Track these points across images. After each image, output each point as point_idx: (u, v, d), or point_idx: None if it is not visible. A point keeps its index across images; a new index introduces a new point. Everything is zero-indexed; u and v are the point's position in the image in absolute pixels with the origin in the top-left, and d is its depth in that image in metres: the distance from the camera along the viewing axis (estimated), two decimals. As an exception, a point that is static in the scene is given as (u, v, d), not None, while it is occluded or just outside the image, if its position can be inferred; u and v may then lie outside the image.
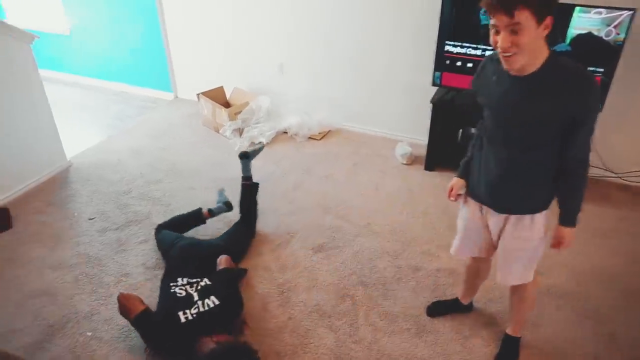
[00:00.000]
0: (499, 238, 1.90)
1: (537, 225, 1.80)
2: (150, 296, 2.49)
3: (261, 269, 2.71)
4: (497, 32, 1.43)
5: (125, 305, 2.16)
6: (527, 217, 1.78)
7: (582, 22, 2.92)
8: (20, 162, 3.28)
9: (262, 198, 3.20)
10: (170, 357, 2.15)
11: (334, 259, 2.79)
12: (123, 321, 2.34)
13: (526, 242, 1.83)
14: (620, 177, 3.52)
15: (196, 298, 2.22)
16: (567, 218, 1.74)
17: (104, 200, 3.28)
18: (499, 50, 1.46)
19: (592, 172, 3.54)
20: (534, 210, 1.77)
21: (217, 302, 2.19)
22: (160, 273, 2.63)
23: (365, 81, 3.99)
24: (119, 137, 4.17)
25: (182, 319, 2.10)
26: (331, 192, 3.40)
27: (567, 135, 1.57)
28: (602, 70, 2.99)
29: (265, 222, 3.06)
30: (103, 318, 2.37)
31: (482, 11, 3.12)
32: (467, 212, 1.97)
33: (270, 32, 4.18)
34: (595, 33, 2.91)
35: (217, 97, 4.40)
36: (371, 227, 3.06)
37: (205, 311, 2.15)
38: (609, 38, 2.90)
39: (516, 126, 1.61)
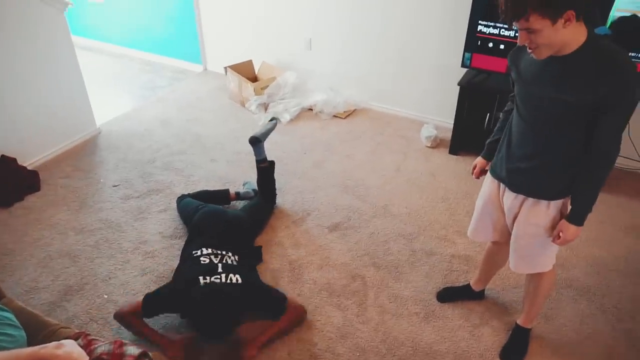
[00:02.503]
0: (513, 222, 1.86)
1: (553, 213, 1.74)
2: (165, 264, 2.56)
3: (274, 244, 2.73)
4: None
5: (125, 312, 2.11)
6: (543, 203, 1.73)
7: (625, 4, 2.76)
8: (51, 127, 3.38)
9: (281, 175, 3.22)
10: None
11: (349, 238, 2.79)
12: (138, 285, 2.42)
13: (540, 228, 1.78)
14: (656, 171, 3.36)
15: (220, 270, 2.19)
16: (574, 214, 1.67)
17: (129, 168, 3.36)
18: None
19: (628, 164, 3.39)
20: (551, 196, 1.72)
21: (240, 281, 2.15)
22: (177, 243, 2.70)
23: (394, 60, 3.90)
24: (147, 107, 4.24)
25: (202, 283, 2.10)
26: (351, 172, 3.38)
27: (594, 123, 1.52)
28: (642, 55, 2.84)
29: (282, 199, 3.08)
30: (119, 282, 2.45)
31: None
32: (485, 190, 1.94)
33: (300, 8, 4.12)
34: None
35: (245, 70, 4.40)
36: (388, 208, 3.03)
37: (227, 284, 2.12)
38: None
39: (545, 105, 1.57)
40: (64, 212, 2.93)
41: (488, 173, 1.94)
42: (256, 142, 2.82)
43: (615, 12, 2.80)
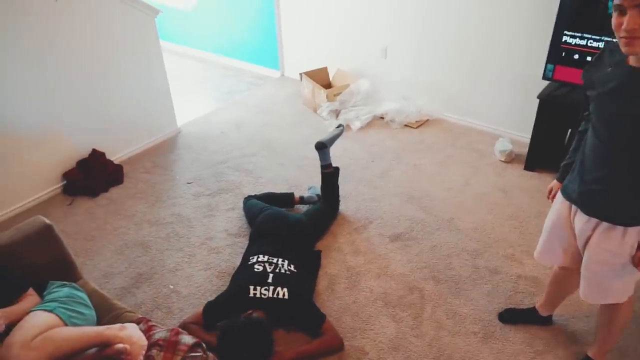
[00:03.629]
0: (585, 247, 1.73)
1: (630, 241, 1.60)
2: (228, 260, 2.66)
3: (334, 250, 2.75)
4: (623, 13, 1.29)
5: (187, 322, 2.18)
6: (619, 229, 1.59)
7: None
8: (137, 125, 3.64)
9: (346, 181, 3.24)
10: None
11: (410, 250, 2.74)
12: (201, 279, 2.54)
13: (614, 256, 1.64)
14: None
15: (270, 280, 2.23)
16: None
17: (203, 167, 3.53)
18: (621, 33, 1.31)
19: None
20: (628, 222, 1.58)
21: (286, 298, 2.19)
22: (241, 241, 2.79)
23: (469, 70, 3.79)
24: (225, 110, 4.44)
25: (251, 293, 2.18)
26: (418, 183, 3.32)
27: None
28: None
29: (345, 205, 3.09)
30: (185, 275, 2.58)
31: (609, -1, 2.80)
32: (555, 211, 1.84)
33: (377, 16, 4.12)
34: None
35: (320, 77, 4.47)
36: (454, 222, 2.94)
37: (273, 299, 2.17)
38: None
39: (626, 123, 1.45)
40: (142, 204, 3.14)
41: (559, 193, 1.83)
42: (322, 147, 2.86)
43: None
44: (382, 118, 4.15)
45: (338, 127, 3.12)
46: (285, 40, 4.94)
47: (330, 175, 2.92)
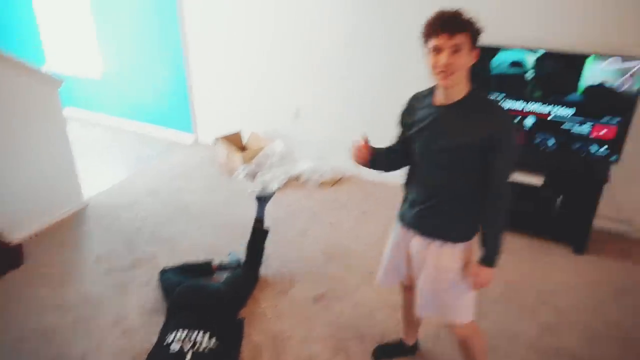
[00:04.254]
0: (422, 266, 1.92)
1: (457, 256, 1.83)
2: (144, 341, 2.48)
3: (257, 316, 2.67)
4: (438, 53, 1.56)
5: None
6: (448, 245, 1.82)
7: (595, 72, 2.89)
8: (37, 201, 3.41)
9: (267, 243, 3.20)
10: None
11: (333, 309, 2.73)
12: (113, 366, 2.34)
13: (446, 272, 1.85)
14: (642, 233, 3.36)
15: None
16: (485, 257, 1.77)
17: (114, 240, 3.35)
18: (439, 69, 1.56)
19: (611, 225, 3.41)
20: (455, 239, 1.82)
21: None
22: (158, 319, 2.63)
23: (381, 128, 3.99)
24: (137, 178, 4.30)
25: None
26: (336, 240, 3.37)
27: (487, 165, 1.65)
28: (617, 120, 2.92)
29: (267, 268, 3.05)
30: (95, 361, 2.37)
31: (493, 59, 3.13)
32: (394, 238, 2.03)
33: (289, 78, 4.29)
34: (609, 83, 2.87)
35: (235, 141, 4.51)
36: (374, 277, 2.98)
37: None
38: (624, 88, 2.84)
39: (443, 151, 1.68)
40: (45, 287, 2.89)
41: (396, 222, 2.02)
42: (263, 199, 3.01)
43: (586, 81, 2.92)
44: (298, 178, 4.23)
45: (269, 191, 3.18)
46: (198, 105, 4.96)
47: (260, 231, 2.97)
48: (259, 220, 3.01)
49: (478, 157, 1.64)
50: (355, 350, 2.46)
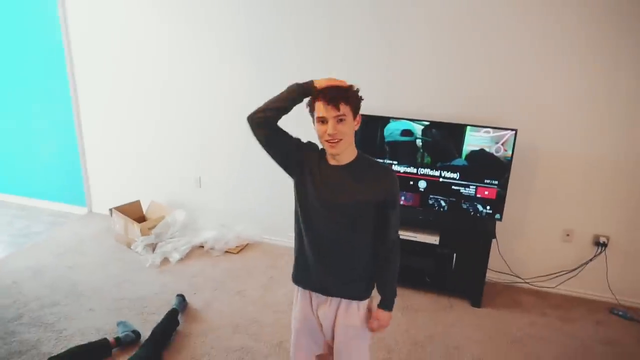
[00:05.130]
0: (332, 330, 1.94)
1: (362, 311, 1.91)
2: None
3: (158, 402, 2.44)
4: (324, 123, 1.67)
5: None
6: (354, 304, 1.89)
7: (474, 140, 3.20)
8: None
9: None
10: None
11: (241, 385, 2.58)
12: None
13: (357, 330, 1.91)
14: (527, 283, 3.65)
15: None
16: (385, 302, 1.89)
17: (-13, 328, 2.94)
18: (326, 137, 1.67)
19: (502, 277, 3.67)
20: (358, 296, 1.89)
21: None
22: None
23: (281, 193, 4.05)
24: (19, 256, 3.87)
25: None
26: (243, 310, 3.25)
27: (380, 217, 1.78)
28: (496, 182, 3.22)
29: (169, 347, 2.83)
30: None
31: (386, 128, 3.36)
32: (300, 308, 2.01)
33: (188, 146, 4.24)
34: (487, 149, 3.19)
35: (134, 211, 4.28)
36: (284, 345, 2.90)
37: None
38: (499, 154, 3.17)
39: (343, 207, 1.75)
40: None
41: (298, 290, 2.02)
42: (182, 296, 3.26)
43: (468, 147, 3.22)
44: (202, 247, 4.08)
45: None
46: (92, 175, 4.70)
47: (175, 321, 3.00)
48: (175, 311, 3.06)
49: (373, 212, 1.77)
50: None
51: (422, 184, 3.42)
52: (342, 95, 1.65)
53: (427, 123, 3.29)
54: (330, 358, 2.07)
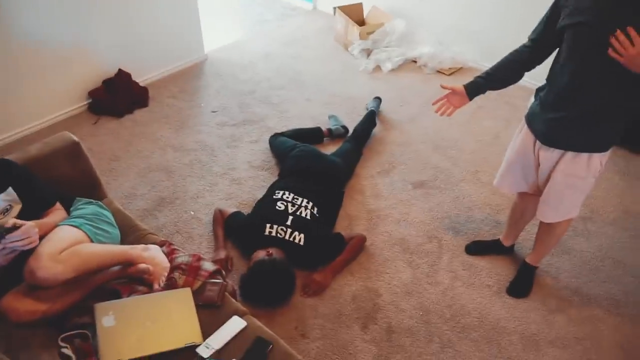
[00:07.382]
0: (548, 175, 1.82)
1: (594, 165, 1.71)
2: (249, 192, 2.67)
3: (356, 191, 2.73)
4: None
5: (218, 212, 2.43)
6: (584, 155, 1.69)
7: None
8: (164, 48, 3.56)
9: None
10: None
11: (432, 198, 2.71)
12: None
13: (579, 180, 1.75)
14: None
15: (289, 223, 2.22)
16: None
17: (229, 96, 3.48)
18: None
19: None
20: (595, 149, 1.68)
21: (301, 244, 2.18)
22: (263, 174, 2.79)
23: (514, 18, 3.58)
24: (254, 39, 4.31)
25: (267, 232, 2.19)
26: (446, 131, 3.24)
27: None
28: None
29: (370, 147, 3.04)
30: (206, 202, 2.60)
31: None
32: (521, 141, 1.89)
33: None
34: None
35: (354, 13, 4.28)
36: (479, 175, 2.89)
37: (287, 242, 2.17)
38: None
39: (604, 52, 1.40)
40: (166, 129, 3.13)
41: (524, 125, 1.87)
42: (378, 99, 3.34)
43: None
44: (415, 62, 4.00)
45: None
46: (321, -30, 4.70)
47: (373, 121, 3.13)
48: (373, 113, 3.17)
49: None
50: (448, 241, 2.47)
51: None
52: None
53: None
54: (533, 199, 2.01)
